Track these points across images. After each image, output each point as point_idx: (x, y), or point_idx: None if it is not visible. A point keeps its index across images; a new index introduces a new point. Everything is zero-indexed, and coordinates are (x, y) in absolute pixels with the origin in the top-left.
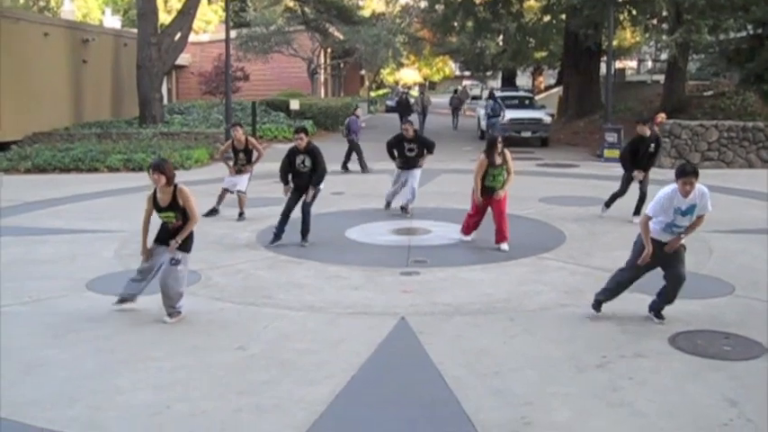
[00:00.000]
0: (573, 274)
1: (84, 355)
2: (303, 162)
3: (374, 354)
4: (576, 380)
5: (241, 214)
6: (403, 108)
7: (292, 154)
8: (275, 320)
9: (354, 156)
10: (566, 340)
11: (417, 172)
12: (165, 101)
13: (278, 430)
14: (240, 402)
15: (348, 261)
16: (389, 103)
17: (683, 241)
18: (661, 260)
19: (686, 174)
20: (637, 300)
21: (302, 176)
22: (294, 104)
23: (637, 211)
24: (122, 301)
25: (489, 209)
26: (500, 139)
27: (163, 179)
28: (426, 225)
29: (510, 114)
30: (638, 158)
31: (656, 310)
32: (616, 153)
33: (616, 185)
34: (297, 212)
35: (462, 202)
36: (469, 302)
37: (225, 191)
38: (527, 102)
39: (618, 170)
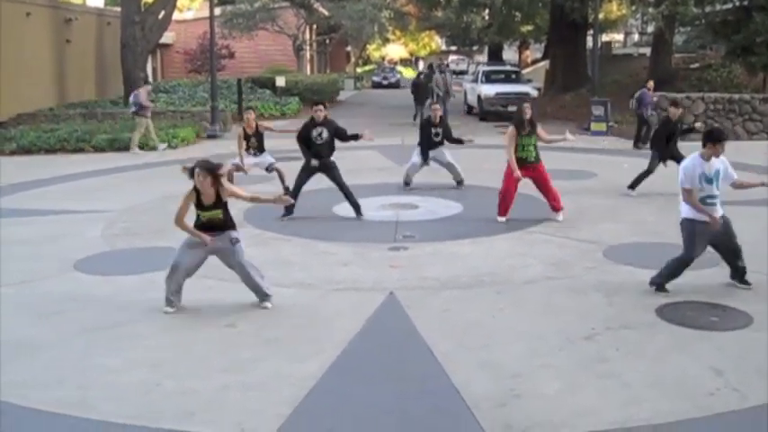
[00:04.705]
0: (561, 247)
1: (72, 335)
2: (320, 134)
3: (363, 329)
4: (564, 352)
5: (288, 189)
6: (420, 91)
7: (309, 126)
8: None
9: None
10: (553, 313)
11: (443, 148)
12: (150, 80)
13: (267, 407)
14: (229, 380)
15: (336, 237)
16: (375, 78)
17: (721, 212)
18: (711, 238)
19: (722, 139)
20: (624, 272)
21: (320, 147)
22: (280, 81)
23: (633, 185)
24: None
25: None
26: (528, 106)
27: (209, 179)
28: (414, 200)
29: (497, 88)
30: (671, 142)
31: (739, 278)
32: (603, 126)
33: (603, 158)
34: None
35: (450, 177)
36: (457, 276)
37: (237, 168)
38: (513, 76)
39: (605, 143)
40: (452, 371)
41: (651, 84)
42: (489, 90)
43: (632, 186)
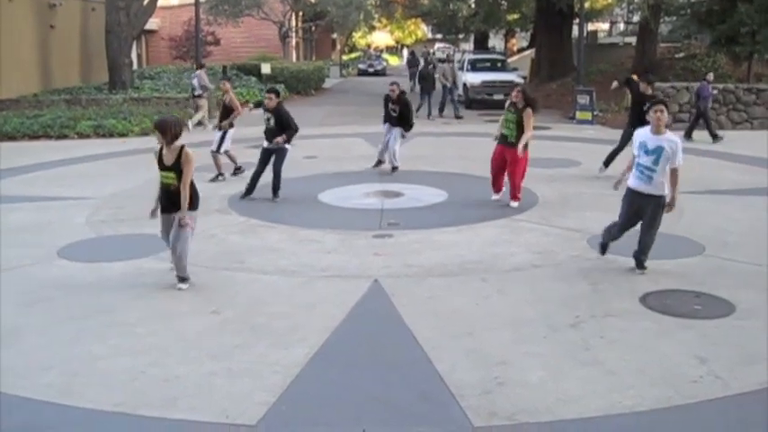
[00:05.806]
0: (546, 234)
1: (57, 322)
2: (268, 120)
3: (348, 316)
4: (548, 339)
5: (217, 176)
6: (427, 81)
7: (263, 110)
8: (249, 285)
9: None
10: (538, 300)
11: (397, 132)
12: (135, 66)
13: (252, 393)
14: (215, 366)
15: (321, 225)
16: (361, 66)
17: (673, 196)
18: (641, 210)
19: (655, 102)
20: (609, 260)
21: (267, 132)
22: (266, 68)
23: (606, 163)
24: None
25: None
26: (518, 89)
27: (159, 136)
28: (399, 188)
29: (482, 77)
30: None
31: (636, 260)
32: (588, 115)
33: (588, 147)
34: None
35: (435, 165)
36: (442, 264)
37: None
38: (499, 64)
39: (590, 132)
40: (437, 358)
41: (710, 76)
42: (475, 78)
43: (606, 164)
